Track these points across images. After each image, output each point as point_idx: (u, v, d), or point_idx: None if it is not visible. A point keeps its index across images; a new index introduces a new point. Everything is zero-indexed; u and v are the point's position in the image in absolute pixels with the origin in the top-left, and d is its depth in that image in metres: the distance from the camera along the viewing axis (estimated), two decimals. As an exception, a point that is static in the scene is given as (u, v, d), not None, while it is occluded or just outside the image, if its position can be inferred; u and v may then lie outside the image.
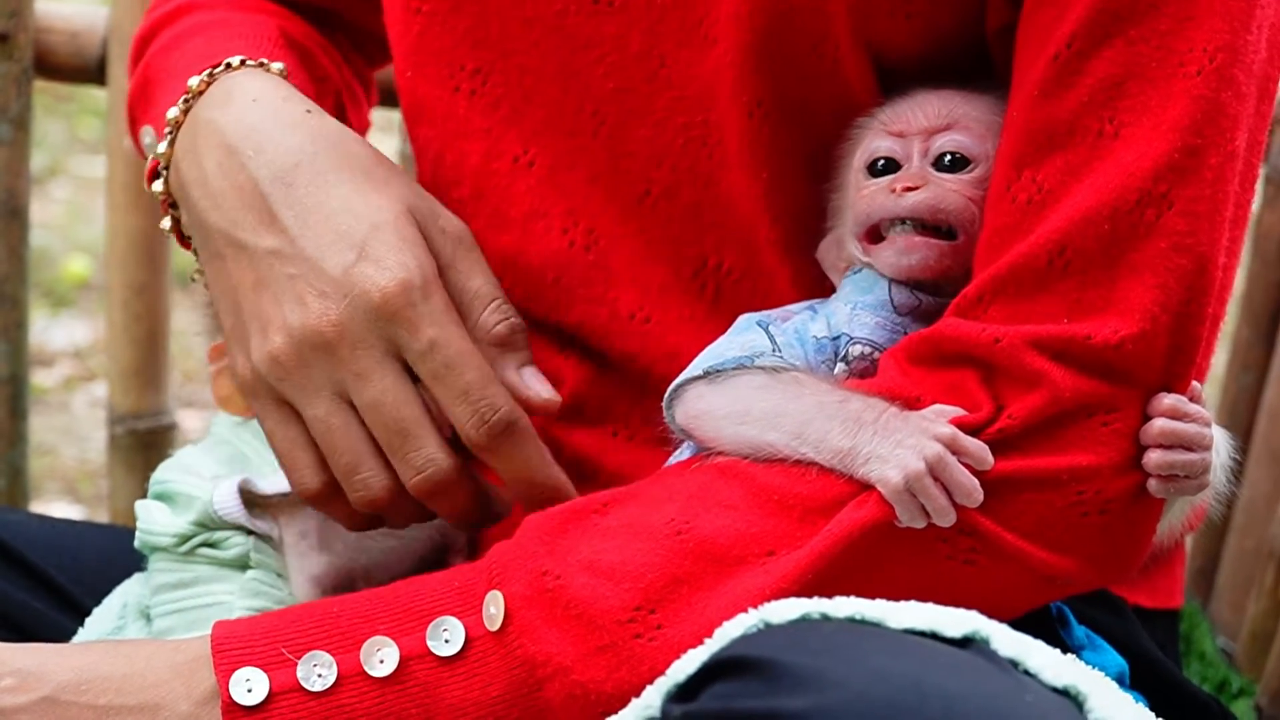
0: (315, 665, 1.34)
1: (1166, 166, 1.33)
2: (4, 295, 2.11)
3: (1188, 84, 1.33)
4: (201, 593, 1.50)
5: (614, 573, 1.34)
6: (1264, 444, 2.04)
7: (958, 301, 1.36)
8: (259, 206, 1.44)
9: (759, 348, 1.38)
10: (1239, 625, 2.03)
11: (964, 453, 1.31)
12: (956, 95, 1.41)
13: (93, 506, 3.16)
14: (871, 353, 1.38)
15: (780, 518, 1.34)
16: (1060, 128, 1.34)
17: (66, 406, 3.49)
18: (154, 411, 2.19)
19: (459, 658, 1.35)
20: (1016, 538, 1.33)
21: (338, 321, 1.40)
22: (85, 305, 3.76)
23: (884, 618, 1.20)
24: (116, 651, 1.38)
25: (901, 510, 1.31)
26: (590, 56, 1.49)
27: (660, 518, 1.36)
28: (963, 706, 1.11)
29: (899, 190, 1.38)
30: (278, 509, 1.50)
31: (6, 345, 2.13)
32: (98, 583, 1.62)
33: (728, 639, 1.20)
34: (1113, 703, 1.19)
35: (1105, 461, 1.34)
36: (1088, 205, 1.33)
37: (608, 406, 1.55)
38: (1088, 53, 1.34)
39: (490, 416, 1.40)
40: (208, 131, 1.48)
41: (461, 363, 1.40)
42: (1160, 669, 1.55)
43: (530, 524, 1.39)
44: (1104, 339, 1.32)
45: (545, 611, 1.34)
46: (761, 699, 1.13)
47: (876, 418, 1.32)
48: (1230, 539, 2.08)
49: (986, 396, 1.33)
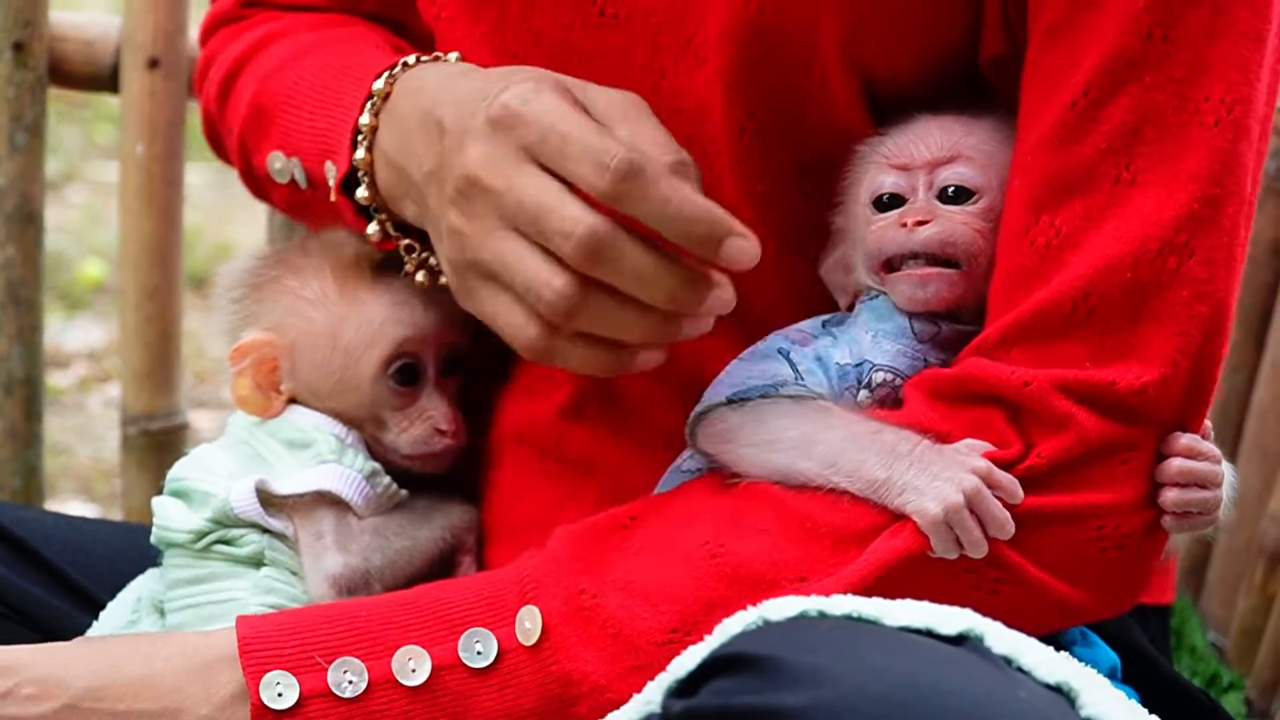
0: (346, 671, 1.36)
1: (1187, 216, 1.35)
2: (20, 298, 2.12)
3: (1206, 135, 1.35)
4: (216, 589, 1.52)
5: (650, 594, 1.36)
6: (1254, 443, 2.05)
7: (979, 342, 1.38)
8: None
9: (782, 376, 1.40)
10: (1229, 620, 2.04)
11: (997, 486, 1.33)
12: (957, 125, 1.43)
13: (106, 505, 3.15)
14: (894, 379, 1.40)
15: (812, 544, 1.36)
16: (1078, 173, 1.36)
17: (81, 407, 3.49)
18: (166, 412, 2.19)
19: (491, 670, 1.36)
20: (1040, 570, 1.36)
21: (479, 153, 1.37)
22: (100, 308, 3.75)
23: (880, 615, 1.21)
24: (134, 652, 1.39)
25: (937, 541, 1.33)
26: (596, 69, 1.49)
27: (693, 539, 1.37)
28: (957, 702, 1.12)
29: (910, 225, 1.40)
30: (293, 509, 1.51)
31: (22, 347, 2.14)
32: (112, 579, 1.63)
33: (727, 635, 1.22)
34: (1104, 699, 1.20)
35: (1124, 499, 1.37)
36: (1110, 253, 1.35)
37: (610, 405, 1.56)
38: (1104, 100, 1.35)
39: (610, 161, 1.32)
40: (415, 118, 1.46)
41: (575, 133, 1.34)
42: (1152, 664, 1.57)
43: (560, 538, 1.40)
44: (1128, 385, 1.35)
45: (581, 629, 1.36)
46: (760, 695, 1.15)
47: (911, 449, 1.35)
48: (1220, 535, 2.06)
49: (1014, 435, 1.36)
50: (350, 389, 1.55)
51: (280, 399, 1.56)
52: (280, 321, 1.56)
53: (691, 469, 1.46)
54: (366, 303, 1.55)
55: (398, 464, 1.57)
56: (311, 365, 1.55)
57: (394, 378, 1.55)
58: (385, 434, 1.56)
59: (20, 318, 2.14)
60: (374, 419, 1.56)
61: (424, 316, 1.56)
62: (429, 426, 1.56)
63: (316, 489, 1.51)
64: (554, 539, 1.41)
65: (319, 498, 1.52)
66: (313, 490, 1.51)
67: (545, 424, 1.57)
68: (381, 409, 1.55)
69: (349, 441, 1.54)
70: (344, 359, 1.55)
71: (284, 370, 1.55)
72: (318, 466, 1.53)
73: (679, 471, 1.47)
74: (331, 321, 1.55)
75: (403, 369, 1.56)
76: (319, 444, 1.53)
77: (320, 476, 1.52)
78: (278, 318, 1.56)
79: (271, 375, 1.56)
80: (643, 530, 1.40)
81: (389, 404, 1.55)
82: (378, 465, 1.55)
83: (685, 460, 1.47)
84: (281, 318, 1.56)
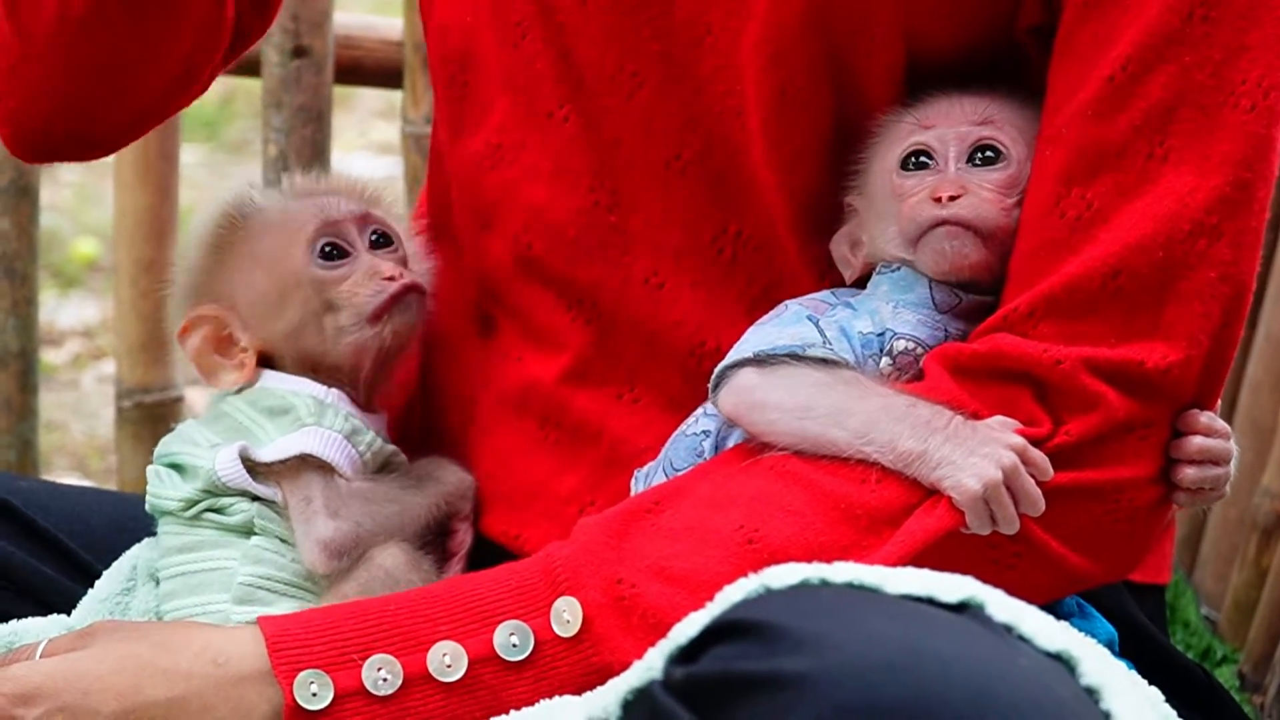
0: (380, 669, 1.35)
1: (1219, 199, 1.37)
2: (14, 271, 2.14)
3: (1242, 119, 1.36)
4: (205, 558, 1.51)
5: (688, 581, 1.35)
6: (1246, 416, 2.06)
7: (1006, 314, 1.39)
8: None
9: (810, 339, 1.40)
10: (1222, 595, 2.06)
11: (1031, 464, 1.34)
12: (986, 96, 1.44)
13: (101, 481, 3.15)
14: (915, 348, 1.41)
15: (847, 526, 1.36)
16: (1111, 148, 1.37)
17: (75, 384, 3.50)
18: (161, 385, 2.21)
19: (527, 662, 1.36)
20: (1060, 544, 1.38)
21: None
22: (94, 286, 3.76)
23: (882, 583, 1.22)
24: (157, 669, 1.37)
25: (973, 518, 1.34)
26: (638, 19, 1.49)
27: (727, 524, 1.37)
28: (957, 669, 1.13)
29: (944, 200, 1.41)
30: (280, 475, 1.51)
31: (16, 320, 2.15)
32: (108, 548, 1.62)
33: (729, 603, 1.22)
34: (1103, 668, 1.21)
35: (1141, 473, 1.39)
36: (1141, 231, 1.36)
37: (613, 369, 1.56)
38: (1142, 76, 1.37)
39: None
40: None
41: None
42: (1148, 638, 1.58)
43: (588, 528, 1.40)
44: (1155, 364, 1.37)
45: (622, 619, 1.35)
46: (761, 661, 1.15)
47: (946, 424, 1.35)
48: (1214, 510, 2.10)
49: (1041, 412, 1.37)
50: (291, 295, 1.54)
51: (248, 356, 1.55)
52: (212, 290, 1.56)
53: (698, 432, 1.46)
54: (277, 218, 1.56)
55: (386, 382, 1.57)
56: (251, 302, 1.55)
57: (322, 257, 1.55)
58: (341, 317, 1.54)
59: (14, 291, 2.15)
60: (327, 308, 1.54)
61: (337, 206, 1.57)
62: (375, 278, 1.55)
63: (298, 453, 1.51)
64: (580, 529, 1.40)
65: (303, 462, 1.51)
66: (295, 454, 1.51)
67: (546, 389, 1.57)
68: (327, 291, 1.54)
69: (328, 400, 1.54)
70: (272, 271, 1.54)
71: (235, 327, 1.55)
72: (298, 431, 1.52)
73: (685, 436, 1.47)
74: (253, 253, 1.55)
75: (328, 246, 1.55)
76: (298, 408, 1.53)
77: (300, 440, 1.51)
78: (210, 290, 1.57)
79: (225, 338, 1.55)
80: (671, 514, 1.39)
81: (329, 283, 1.54)
82: (359, 424, 1.54)
83: (692, 424, 1.47)
84: (211, 286, 1.57)
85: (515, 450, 1.59)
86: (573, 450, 1.56)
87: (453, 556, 1.56)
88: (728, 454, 1.43)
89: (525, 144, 1.56)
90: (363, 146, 4.31)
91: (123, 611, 1.57)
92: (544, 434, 1.58)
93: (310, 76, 2.17)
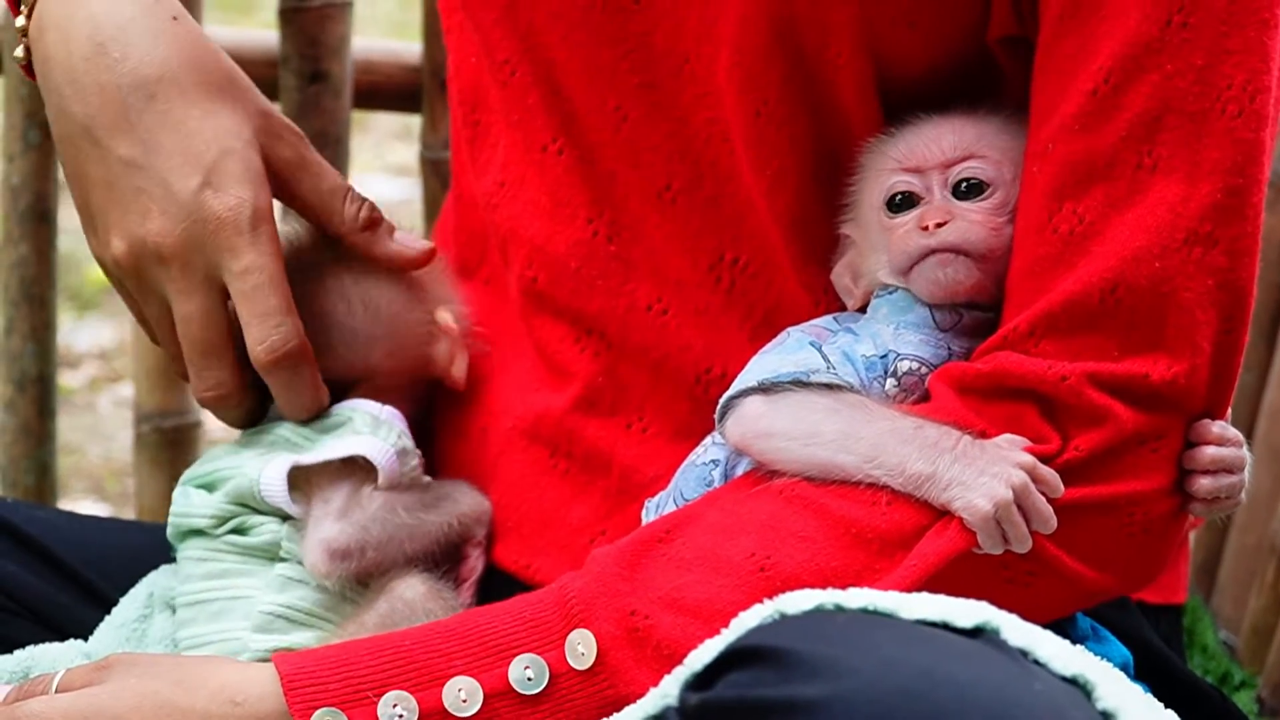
0: (396, 705, 1.34)
1: (1212, 207, 1.36)
2: (33, 296, 2.13)
3: (1229, 124, 1.36)
4: (227, 585, 1.52)
5: (701, 611, 1.35)
6: (1265, 442, 2.05)
7: (1006, 334, 1.39)
8: (118, 111, 1.50)
9: (814, 365, 1.40)
10: (1240, 619, 2.05)
11: (1041, 481, 1.34)
12: (967, 124, 1.44)
13: (118, 505, 3.16)
14: (919, 368, 1.41)
15: (859, 550, 1.36)
16: (1099, 161, 1.37)
17: (92, 407, 3.49)
18: (179, 410, 2.19)
19: (542, 696, 1.36)
20: (1074, 560, 1.38)
21: (174, 242, 1.47)
22: (110, 308, 3.75)
23: (896, 608, 1.22)
24: (175, 708, 1.36)
25: (985, 538, 1.34)
26: (617, 52, 1.51)
27: (738, 551, 1.37)
28: (973, 694, 1.13)
29: (931, 228, 1.41)
30: (316, 483, 1.52)
31: (35, 345, 2.15)
32: (124, 577, 1.62)
33: (744, 629, 1.22)
34: (1120, 691, 1.21)
35: (1154, 486, 1.39)
36: (1136, 244, 1.36)
37: (623, 399, 1.56)
38: (1125, 87, 1.36)
39: (280, 346, 1.49)
40: (81, 17, 1.51)
41: (271, 289, 1.48)
42: (1164, 661, 1.57)
43: (600, 559, 1.40)
44: (1160, 376, 1.37)
45: (636, 652, 1.35)
46: (776, 687, 1.15)
47: (954, 444, 1.35)
48: (1232, 535, 2.09)
49: (1049, 429, 1.37)
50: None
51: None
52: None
53: (707, 461, 1.46)
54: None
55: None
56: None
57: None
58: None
59: (33, 316, 2.15)
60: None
61: None
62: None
63: (349, 454, 1.52)
64: (593, 560, 1.40)
65: (345, 466, 1.52)
66: (345, 456, 1.52)
67: (556, 418, 1.58)
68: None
69: (383, 417, 1.55)
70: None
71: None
72: (352, 436, 1.53)
73: (694, 466, 1.47)
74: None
75: None
76: (355, 421, 1.54)
77: (354, 443, 1.52)
78: None
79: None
80: (682, 543, 1.39)
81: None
82: (410, 445, 1.56)
83: (701, 454, 1.47)
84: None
85: (526, 480, 1.60)
86: (583, 480, 1.57)
87: (464, 582, 1.56)
88: (737, 480, 1.43)
89: (525, 179, 1.57)
90: (379, 169, 4.32)
91: (139, 638, 1.57)
92: (555, 463, 1.58)
93: (328, 101, 2.17)
